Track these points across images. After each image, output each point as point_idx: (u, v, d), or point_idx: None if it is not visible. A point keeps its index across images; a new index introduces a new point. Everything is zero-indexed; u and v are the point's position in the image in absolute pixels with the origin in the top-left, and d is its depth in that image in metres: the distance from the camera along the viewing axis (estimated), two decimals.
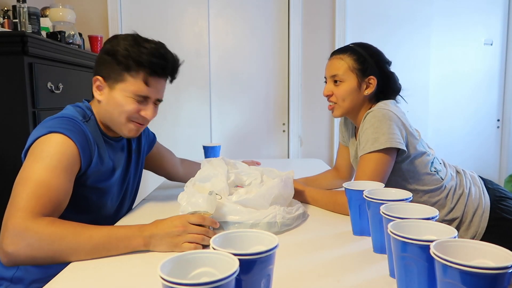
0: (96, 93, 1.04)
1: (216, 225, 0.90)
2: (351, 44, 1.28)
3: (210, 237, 0.85)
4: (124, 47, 0.99)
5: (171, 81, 1.11)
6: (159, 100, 1.09)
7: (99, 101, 1.05)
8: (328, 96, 1.26)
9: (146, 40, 1.02)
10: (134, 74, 1.00)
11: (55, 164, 0.88)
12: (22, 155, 0.94)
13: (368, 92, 1.23)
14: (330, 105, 1.27)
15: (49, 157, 0.88)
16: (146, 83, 1.01)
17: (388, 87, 1.25)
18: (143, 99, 1.03)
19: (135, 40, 1.01)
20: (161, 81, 1.05)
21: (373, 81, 1.22)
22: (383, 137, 1.09)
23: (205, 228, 0.87)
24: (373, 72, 1.22)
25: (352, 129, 1.39)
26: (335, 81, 1.24)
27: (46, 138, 0.91)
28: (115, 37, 1.04)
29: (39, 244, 0.79)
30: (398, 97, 1.30)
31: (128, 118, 1.04)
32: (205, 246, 0.86)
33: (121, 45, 1.00)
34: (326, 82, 1.29)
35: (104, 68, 1.02)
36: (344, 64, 1.22)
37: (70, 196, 0.92)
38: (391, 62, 1.28)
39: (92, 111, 1.07)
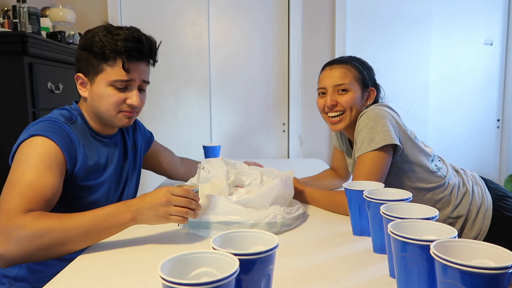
0: (81, 91, 1.05)
1: (198, 199, 0.89)
2: (345, 56, 1.30)
3: (193, 210, 0.86)
4: (98, 39, 1.00)
5: (153, 64, 1.10)
6: (145, 82, 1.07)
7: (85, 98, 1.06)
8: (333, 106, 1.21)
9: (119, 28, 1.02)
10: (111, 63, 1.00)
11: (38, 164, 0.89)
12: (9, 161, 0.95)
13: (368, 103, 1.25)
14: (335, 118, 1.22)
15: (32, 159, 0.89)
16: (125, 69, 1.00)
17: (377, 98, 1.29)
18: (125, 86, 1.02)
19: (108, 29, 1.01)
20: (141, 65, 1.04)
21: (372, 92, 1.25)
22: (378, 136, 1.10)
23: (188, 200, 0.86)
24: (372, 84, 1.26)
25: (346, 141, 1.39)
26: (340, 90, 1.21)
27: (28, 142, 0.92)
28: (89, 31, 1.03)
29: (28, 239, 0.79)
30: (393, 103, 1.32)
31: (116, 109, 1.03)
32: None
33: (95, 38, 1.00)
34: (321, 93, 1.26)
35: (83, 64, 1.03)
36: (350, 74, 1.22)
37: (58, 194, 0.92)
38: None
39: (79, 111, 1.07)
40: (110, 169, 1.10)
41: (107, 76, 1.01)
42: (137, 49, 1.01)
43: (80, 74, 1.04)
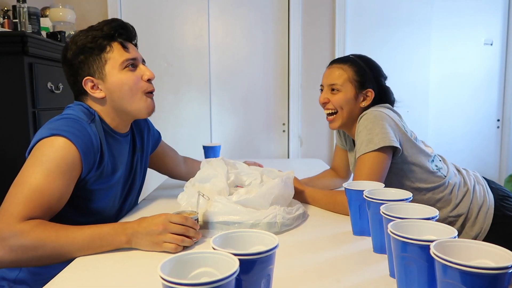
0: (96, 93, 1.03)
1: (196, 227, 0.88)
2: (351, 55, 1.30)
3: (191, 238, 0.85)
4: (83, 38, 1.01)
5: (136, 45, 1.12)
6: (144, 61, 1.10)
7: (101, 99, 1.04)
8: (324, 104, 1.27)
9: (90, 26, 1.05)
10: (109, 49, 1.02)
11: (53, 169, 0.87)
12: (26, 154, 0.94)
13: (364, 104, 1.25)
14: (330, 117, 1.27)
15: (48, 162, 0.88)
16: (125, 47, 1.03)
17: (383, 101, 1.27)
18: (132, 65, 1.04)
19: (85, 29, 1.04)
20: (131, 44, 1.07)
21: (370, 94, 1.24)
22: (376, 137, 1.11)
23: (186, 228, 0.85)
24: (371, 86, 1.24)
25: (349, 140, 1.40)
26: (332, 90, 1.25)
27: (48, 140, 0.90)
28: (68, 44, 1.04)
29: (22, 250, 0.80)
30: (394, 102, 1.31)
31: (139, 90, 1.04)
32: (186, 247, 0.86)
33: (80, 40, 1.01)
34: (321, 90, 1.30)
35: (85, 68, 1.02)
36: (344, 74, 1.23)
37: (65, 201, 0.92)
38: (387, 77, 1.30)
39: (94, 110, 1.05)
40: (119, 172, 1.09)
41: (115, 62, 1.02)
42: (121, 26, 1.04)
43: (88, 78, 1.02)
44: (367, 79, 1.24)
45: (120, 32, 1.04)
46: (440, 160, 1.26)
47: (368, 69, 1.25)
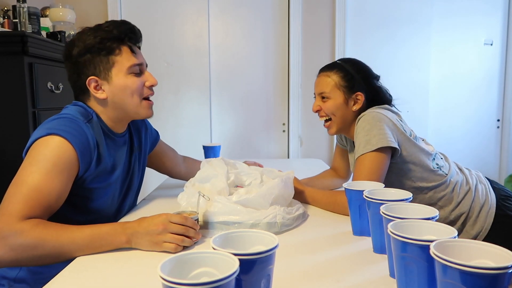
0: (98, 93, 1.03)
1: (196, 227, 0.88)
2: (338, 60, 1.32)
3: (191, 238, 0.85)
4: (91, 37, 1.00)
5: (140, 48, 1.12)
6: (146, 66, 1.11)
7: (103, 99, 1.04)
8: (318, 112, 1.30)
9: (98, 24, 1.04)
10: (118, 52, 1.02)
11: (50, 168, 0.88)
12: (23, 154, 0.94)
13: (356, 107, 1.25)
14: (326, 123, 1.30)
15: (45, 160, 0.88)
16: (132, 51, 1.04)
17: (377, 101, 1.27)
18: (138, 70, 1.05)
19: (93, 28, 1.03)
20: (137, 49, 1.08)
21: (360, 97, 1.25)
22: (374, 138, 1.11)
23: (186, 228, 0.85)
24: (361, 88, 1.25)
25: (349, 142, 1.40)
26: (323, 98, 1.27)
27: (44, 140, 0.90)
28: (74, 40, 1.03)
29: (22, 249, 0.80)
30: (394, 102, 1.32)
31: (140, 95, 1.05)
32: (186, 247, 0.86)
33: (88, 39, 1.00)
34: (315, 98, 1.32)
35: (91, 67, 1.01)
36: (331, 82, 1.25)
37: (63, 199, 0.92)
38: (379, 77, 1.31)
39: (93, 110, 1.05)
40: (118, 171, 1.09)
41: (122, 66, 1.02)
42: (131, 30, 1.05)
43: (92, 78, 1.02)
44: (355, 83, 1.24)
45: (130, 36, 1.04)
46: (441, 158, 1.26)
47: (355, 72, 1.26)
